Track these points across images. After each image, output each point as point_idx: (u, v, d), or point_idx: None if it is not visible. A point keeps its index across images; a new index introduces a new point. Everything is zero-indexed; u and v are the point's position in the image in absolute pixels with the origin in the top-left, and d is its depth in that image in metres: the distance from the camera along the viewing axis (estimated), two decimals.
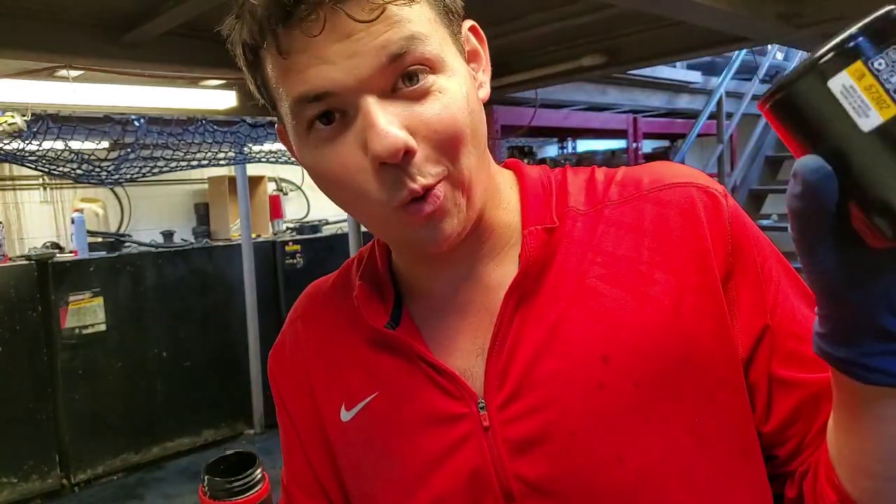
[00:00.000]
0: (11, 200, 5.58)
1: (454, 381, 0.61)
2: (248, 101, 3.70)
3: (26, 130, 3.53)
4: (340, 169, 0.56)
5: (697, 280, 0.60)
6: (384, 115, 0.53)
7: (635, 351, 0.58)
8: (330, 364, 0.70)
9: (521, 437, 0.59)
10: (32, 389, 3.82)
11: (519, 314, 0.61)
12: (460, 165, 0.56)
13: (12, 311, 3.76)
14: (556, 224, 0.63)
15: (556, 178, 0.68)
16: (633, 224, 0.62)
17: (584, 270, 0.61)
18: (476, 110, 0.58)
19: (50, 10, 2.19)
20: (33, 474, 3.84)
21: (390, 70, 0.53)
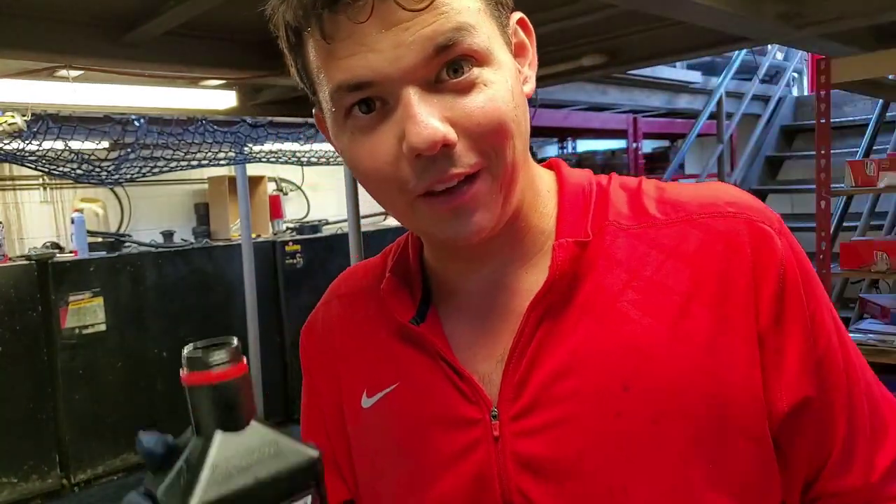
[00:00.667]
0: (11, 200, 5.58)
1: (471, 386, 0.61)
2: (248, 101, 3.70)
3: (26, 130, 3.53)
4: (375, 158, 0.55)
5: (736, 321, 0.57)
6: (424, 107, 0.52)
7: (659, 385, 0.56)
8: (358, 348, 0.70)
9: (530, 452, 0.58)
10: (32, 389, 3.82)
11: (543, 327, 0.59)
12: (501, 159, 0.55)
13: (12, 311, 3.76)
14: (590, 238, 0.60)
15: (598, 186, 0.65)
16: (676, 249, 0.59)
17: (618, 292, 0.59)
18: (521, 105, 0.56)
19: (50, 10, 2.19)
20: (33, 474, 3.83)
21: (435, 61, 0.52)
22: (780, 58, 6.26)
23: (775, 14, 2.31)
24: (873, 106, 4.91)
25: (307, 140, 5.43)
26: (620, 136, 6.01)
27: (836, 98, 3.41)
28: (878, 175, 2.86)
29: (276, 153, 5.65)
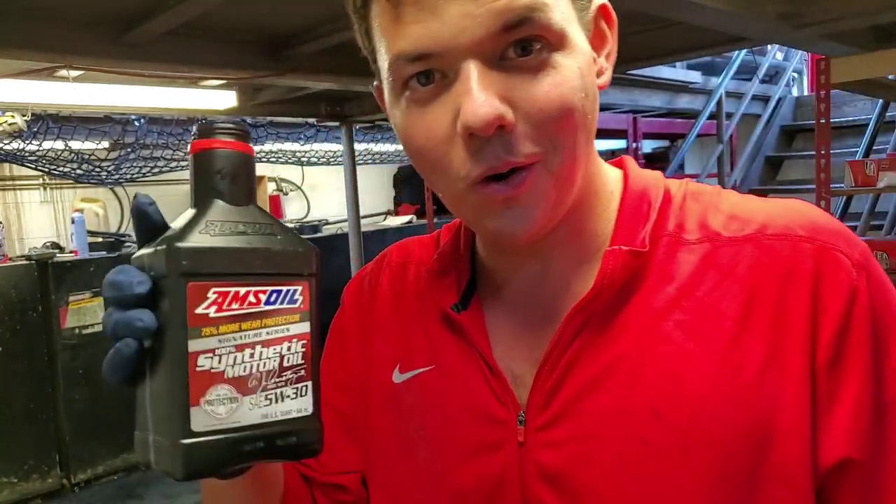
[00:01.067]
0: (11, 200, 5.58)
1: (502, 385, 0.59)
2: (248, 101, 3.70)
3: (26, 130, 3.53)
4: (426, 135, 0.52)
5: (790, 357, 0.51)
6: (483, 83, 0.48)
7: (694, 415, 0.51)
8: (397, 321, 0.69)
9: (552, 465, 0.55)
10: (32, 389, 3.82)
11: (582, 337, 0.56)
12: (561, 152, 0.51)
13: (12, 311, 3.76)
14: (645, 249, 0.55)
15: (665, 193, 0.60)
16: (733, 271, 0.54)
17: (664, 311, 0.54)
18: (590, 96, 0.52)
19: (50, 10, 2.19)
20: (33, 474, 3.84)
21: (503, 38, 0.48)
22: (779, 58, 6.26)
23: (775, 14, 2.31)
24: (873, 106, 4.91)
25: (307, 140, 5.43)
26: (620, 136, 6.01)
27: (835, 98, 3.41)
28: (877, 175, 2.86)
29: (276, 153, 5.66)
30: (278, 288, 0.47)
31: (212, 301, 0.44)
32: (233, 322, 0.45)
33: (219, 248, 0.45)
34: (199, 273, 0.44)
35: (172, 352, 0.44)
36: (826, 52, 2.81)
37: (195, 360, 0.44)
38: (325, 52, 2.78)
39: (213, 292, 0.44)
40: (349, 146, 4.27)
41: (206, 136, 0.48)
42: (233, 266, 0.46)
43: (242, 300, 0.46)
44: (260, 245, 0.47)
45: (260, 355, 0.46)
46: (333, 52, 2.82)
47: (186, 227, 0.46)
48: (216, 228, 0.46)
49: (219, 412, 0.45)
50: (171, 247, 0.44)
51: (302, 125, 5.12)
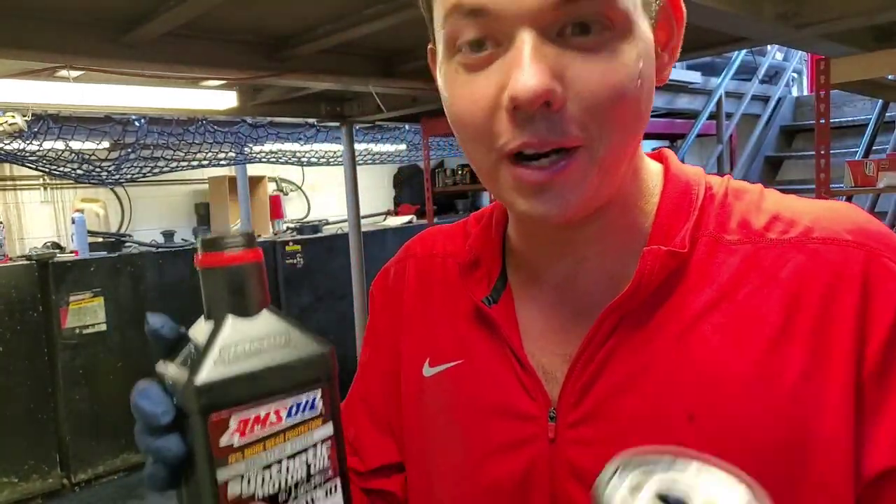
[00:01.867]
0: (12, 200, 5.59)
1: (534, 380, 0.58)
2: (248, 101, 3.70)
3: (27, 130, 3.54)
4: (471, 100, 0.50)
5: (834, 366, 0.49)
6: (537, 55, 0.46)
7: (729, 422, 0.50)
8: (425, 314, 0.68)
9: (582, 463, 0.54)
10: (33, 389, 3.82)
11: (617, 335, 0.54)
12: (606, 140, 0.49)
13: (13, 311, 3.76)
14: (685, 250, 0.54)
15: (707, 190, 0.58)
16: (777, 274, 0.52)
17: (703, 313, 0.53)
18: (647, 89, 0.50)
19: (50, 10, 2.19)
20: (34, 474, 3.84)
21: (563, 12, 0.46)
22: (779, 58, 6.26)
23: (775, 14, 2.31)
24: (873, 106, 4.91)
25: (307, 140, 5.43)
26: None
27: (835, 98, 3.41)
28: (877, 175, 2.86)
29: (277, 153, 5.66)
30: (298, 399, 0.47)
31: (234, 429, 0.45)
32: (257, 444, 0.45)
33: (236, 377, 0.45)
34: (219, 405, 0.44)
35: (202, 480, 0.45)
36: (826, 52, 2.81)
37: (225, 488, 0.44)
38: (325, 52, 2.78)
39: (234, 420, 0.45)
40: (349, 146, 4.27)
41: (211, 249, 0.47)
42: (251, 391, 0.46)
43: (264, 421, 0.46)
44: (276, 362, 0.47)
45: (287, 469, 0.47)
46: (333, 52, 2.83)
47: (201, 356, 0.46)
48: (230, 353, 0.46)
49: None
50: (189, 385, 0.44)
51: (302, 125, 5.12)
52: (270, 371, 0.46)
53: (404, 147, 6.63)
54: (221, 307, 0.47)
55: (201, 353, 0.46)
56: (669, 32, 0.55)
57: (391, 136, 6.19)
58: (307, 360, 0.48)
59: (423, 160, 4.32)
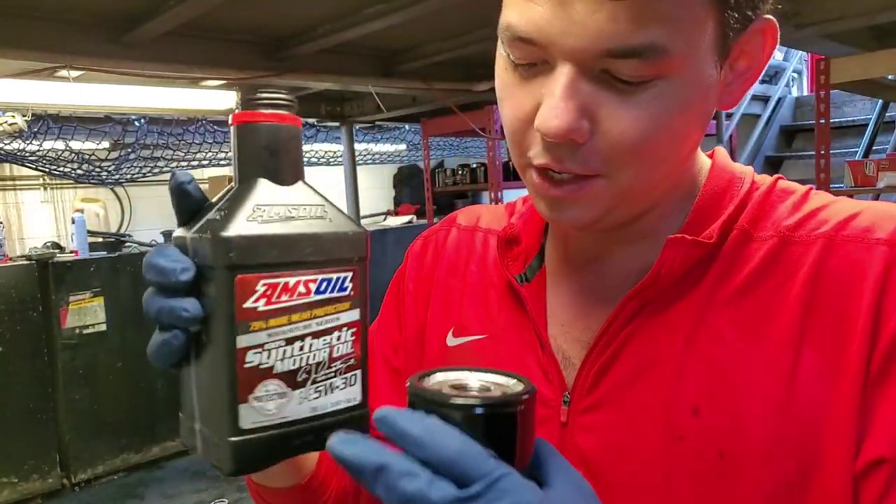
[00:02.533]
0: (12, 200, 5.58)
1: (553, 365, 0.58)
2: None
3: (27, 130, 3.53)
4: (514, 107, 0.51)
5: (846, 365, 0.47)
6: (570, 92, 0.46)
7: (736, 419, 0.49)
8: (457, 284, 0.68)
9: (590, 450, 0.55)
10: (33, 389, 3.82)
11: (633, 324, 0.55)
12: (627, 177, 0.50)
13: (12, 311, 3.76)
14: (711, 241, 0.53)
15: (750, 187, 0.57)
16: (798, 272, 0.51)
17: (720, 306, 0.52)
18: (684, 125, 0.49)
19: (50, 10, 2.19)
20: (33, 474, 3.84)
21: (607, 60, 0.45)
22: (779, 58, 6.26)
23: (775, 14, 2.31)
24: (873, 106, 4.91)
25: (307, 140, 5.42)
26: None
27: (835, 98, 3.41)
28: (877, 175, 2.86)
29: None
30: (329, 276, 0.45)
31: (261, 294, 0.42)
32: (282, 315, 0.43)
33: (268, 237, 0.42)
34: (248, 265, 0.41)
35: (219, 346, 0.42)
36: (826, 52, 2.81)
37: (243, 356, 0.42)
38: (325, 52, 2.78)
39: (262, 284, 0.42)
40: (349, 146, 4.27)
41: (250, 106, 0.44)
42: (282, 256, 0.43)
43: (292, 291, 0.43)
44: (310, 231, 0.44)
45: (310, 347, 0.44)
46: (333, 52, 2.83)
47: (231, 211, 0.42)
48: (263, 214, 0.43)
49: (268, 408, 0.43)
50: (217, 237, 0.41)
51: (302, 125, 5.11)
52: (304, 238, 0.44)
53: (404, 147, 6.63)
54: (256, 170, 0.44)
55: (231, 210, 0.42)
56: (750, 58, 0.52)
57: (391, 136, 6.19)
58: (343, 236, 0.46)
59: (423, 160, 4.32)
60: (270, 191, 0.44)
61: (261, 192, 0.44)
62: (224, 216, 0.42)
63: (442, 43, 2.87)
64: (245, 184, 0.44)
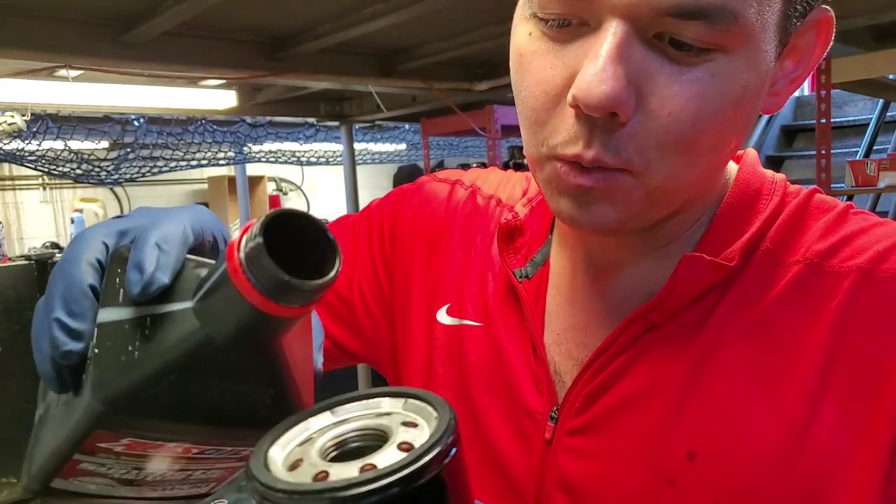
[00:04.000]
0: (11, 200, 5.58)
1: (545, 374, 0.53)
2: (247, 101, 3.70)
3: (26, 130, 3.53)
4: (539, 81, 0.43)
5: (876, 423, 0.41)
6: (619, 56, 0.39)
7: (735, 469, 0.44)
8: (460, 258, 0.61)
9: (573, 475, 0.50)
10: (32, 389, 3.81)
11: (636, 347, 0.48)
12: (669, 168, 0.42)
13: (12, 311, 3.75)
14: (733, 264, 0.46)
15: (781, 200, 0.50)
16: (825, 306, 0.44)
17: (733, 338, 0.46)
18: (736, 117, 0.42)
19: (50, 10, 2.19)
20: None
21: (668, 19, 0.38)
22: None
23: None
24: (873, 106, 4.91)
25: (307, 140, 5.42)
26: None
27: (836, 98, 3.41)
28: (878, 175, 2.85)
29: (276, 153, 5.65)
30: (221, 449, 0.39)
31: (123, 444, 0.36)
32: (137, 456, 0.38)
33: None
34: (121, 426, 0.35)
35: (68, 434, 0.37)
36: None
37: (77, 465, 0.38)
38: (325, 52, 2.78)
39: (127, 441, 0.36)
40: (349, 146, 4.26)
41: (276, 295, 0.32)
42: (171, 432, 0.36)
43: (159, 448, 0.37)
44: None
45: (153, 470, 0.40)
46: (333, 52, 2.82)
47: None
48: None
49: (87, 487, 0.40)
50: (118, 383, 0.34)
51: (301, 125, 5.11)
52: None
53: (404, 147, 6.62)
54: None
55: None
56: (801, 56, 0.46)
57: (391, 135, 6.19)
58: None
59: (423, 160, 4.32)
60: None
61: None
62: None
63: (442, 43, 2.86)
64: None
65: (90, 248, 0.37)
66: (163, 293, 0.35)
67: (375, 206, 0.70)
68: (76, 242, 0.38)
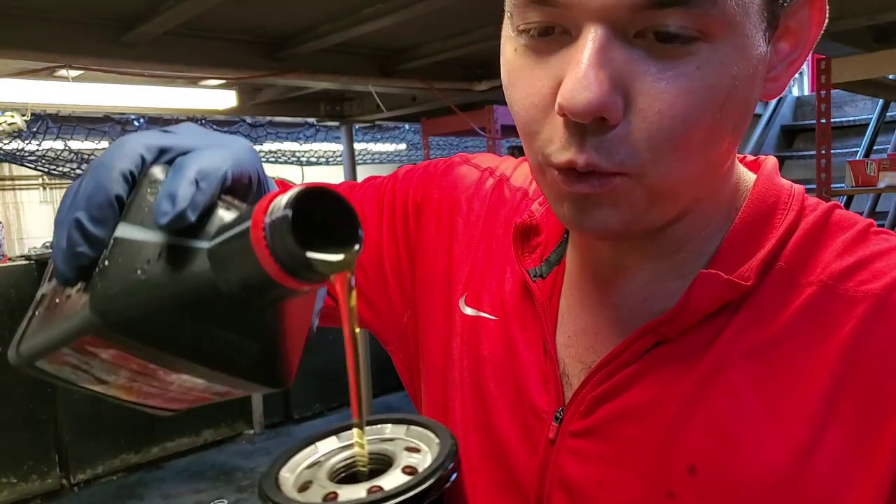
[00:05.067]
0: (11, 200, 5.58)
1: (554, 373, 0.53)
2: (247, 101, 3.70)
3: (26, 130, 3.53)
4: (527, 93, 0.44)
5: (879, 453, 0.41)
6: (600, 60, 0.39)
7: (734, 488, 0.44)
8: (482, 247, 0.61)
9: (573, 476, 0.50)
10: (32, 389, 3.82)
11: (645, 361, 0.48)
12: (665, 166, 0.42)
13: (12, 311, 3.75)
14: (749, 283, 0.46)
15: (799, 215, 0.48)
16: (837, 331, 0.44)
17: (741, 356, 0.46)
18: (735, 110, 0.42)
19: (50, 10, 2.19)
20: (33, 474, 3.83)
21: (646, 14, 0.38)
22: None
23: None
24: (873, 106, 4.91)
25: (307, 140, 5.43)
26: None
27: (836, 98, 3.41)
28: (878, 175, 2.85)
29: (276, 153, 5.65)
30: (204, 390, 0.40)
31: (106, 353, 0.38)
32: (118, 365, 0.39)
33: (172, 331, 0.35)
34: (115, 335, 0.36)
35: (62, 332, 0.38)
36: (826, 52, 2.80)
37: (63, 358, 0.40)
38: (325, 52, 2.78)
39: (112, 351, 0.37)
40: (349, 146, 4.26)
41: (294, 271, 0.33)
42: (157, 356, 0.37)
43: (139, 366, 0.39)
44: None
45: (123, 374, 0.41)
46: (333, 52, 2.82)
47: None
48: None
49: (63, 374, 0.42)
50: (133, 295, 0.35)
51: (301, 125, 5.11)
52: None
53: (404, 147, 6.62)
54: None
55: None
56: (796, 39, 0.46)
57: (391, 135, 6.19)
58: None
59: (423, 160, 4.33)
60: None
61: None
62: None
63: (442, 43, 2.87)
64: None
65: (127, 158, 0.38)
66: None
67: (403, 176, 0.69)
68: (116, 147, 0.38)
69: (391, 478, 0.32)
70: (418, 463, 0.33)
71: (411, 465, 0.33)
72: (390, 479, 0.32)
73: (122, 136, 0.48)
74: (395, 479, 0.32)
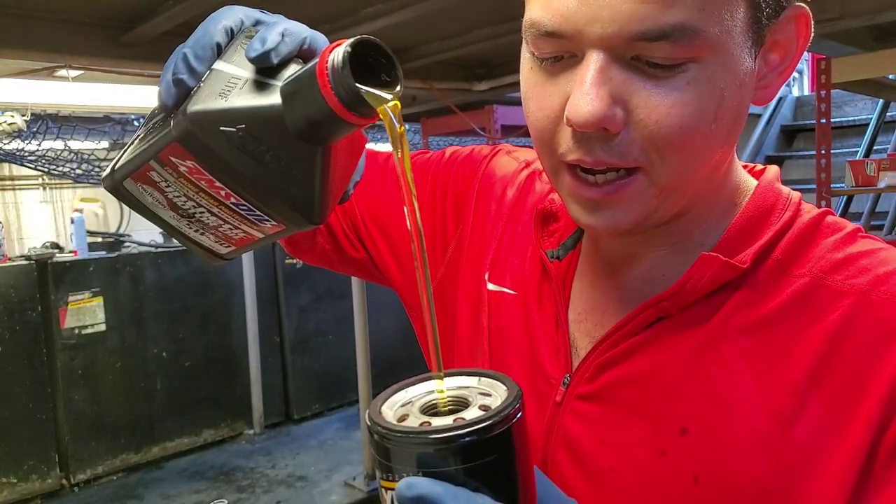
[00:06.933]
0: (11, 200, 5.58)
1: (564, 342, 0.59)
2: None
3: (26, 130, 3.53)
4: (540, 106, 0.50)
5: (851, 428, 0.46)
6: (600, 79, 0.45)
7: (719, 450, 0.49)
8: (509, 230, 0.68)
9: (577, 436, 0.56)
10: (32, 389, 3.82)
11: (647, 332, 0.54)
12: (667, 168, 0.48)
13: (12, 311, 3.76)
14: (745, 266, 0.51)
15: (793, 216, 0.54)
16: (823, 319, 0.49)
17: (734, 332, 0.51)
18: (721, 116, 0.48)
19: (50, 10, 2.19)
20: (33, 474, 3.83)
21: (638, 45, 0.45)
22: None
23: None
24: (873, 106, 4.91)
25: None
26: None
27: (836, 98, 3.41)
28: (878, 175, 2.85)
29: None
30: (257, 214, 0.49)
31: (187, 167, 0.46)
32: (189, 182, 0.48)
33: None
34: (199, 142, 0.45)
35: (152, 148, 0.47)
36: (826, 52, 2.80)
37: (147, 172, 0.48)
38: None
39: (190, 164, 0.46)
40: None
41: (354, 107, 0.44)
42: (230, 176, 0.46)
43: (210, 187, 0.47)
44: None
45: (198, 203, 0.50)
46: None
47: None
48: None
49: (144, 198, 0.51)
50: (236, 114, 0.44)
51: None
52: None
53: None
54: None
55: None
56: (785, 50, 0.51)
57: None
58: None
59: None
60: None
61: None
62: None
63: (442, 43, 2.87)
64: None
65: (231, 17, 0.49)
66: (267, 68, 0.46)
67: (450, 156, 0.77)
68: (224, 9, 0.50)
69: (471, 412, 0.41)
70: (490, 403, 0.41)
71: (486, 405, 0.41)
72: (470, 413, 0.41)
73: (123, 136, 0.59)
74: (474, 413, 0.40)
